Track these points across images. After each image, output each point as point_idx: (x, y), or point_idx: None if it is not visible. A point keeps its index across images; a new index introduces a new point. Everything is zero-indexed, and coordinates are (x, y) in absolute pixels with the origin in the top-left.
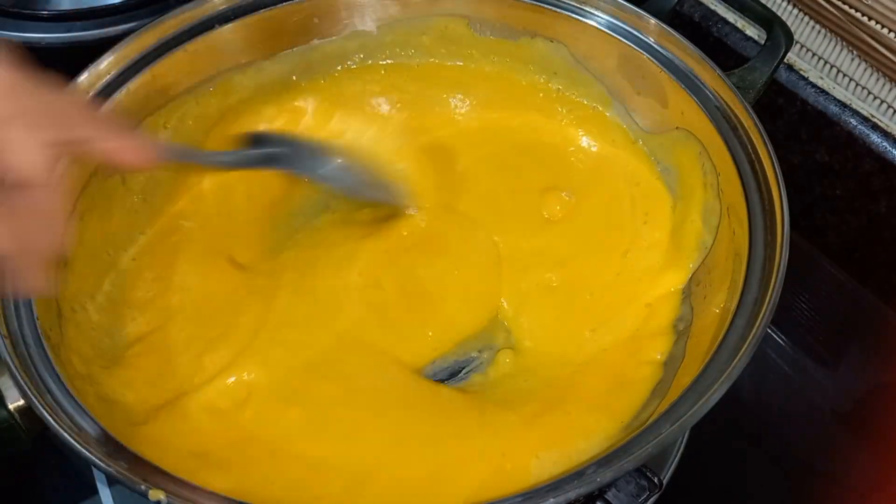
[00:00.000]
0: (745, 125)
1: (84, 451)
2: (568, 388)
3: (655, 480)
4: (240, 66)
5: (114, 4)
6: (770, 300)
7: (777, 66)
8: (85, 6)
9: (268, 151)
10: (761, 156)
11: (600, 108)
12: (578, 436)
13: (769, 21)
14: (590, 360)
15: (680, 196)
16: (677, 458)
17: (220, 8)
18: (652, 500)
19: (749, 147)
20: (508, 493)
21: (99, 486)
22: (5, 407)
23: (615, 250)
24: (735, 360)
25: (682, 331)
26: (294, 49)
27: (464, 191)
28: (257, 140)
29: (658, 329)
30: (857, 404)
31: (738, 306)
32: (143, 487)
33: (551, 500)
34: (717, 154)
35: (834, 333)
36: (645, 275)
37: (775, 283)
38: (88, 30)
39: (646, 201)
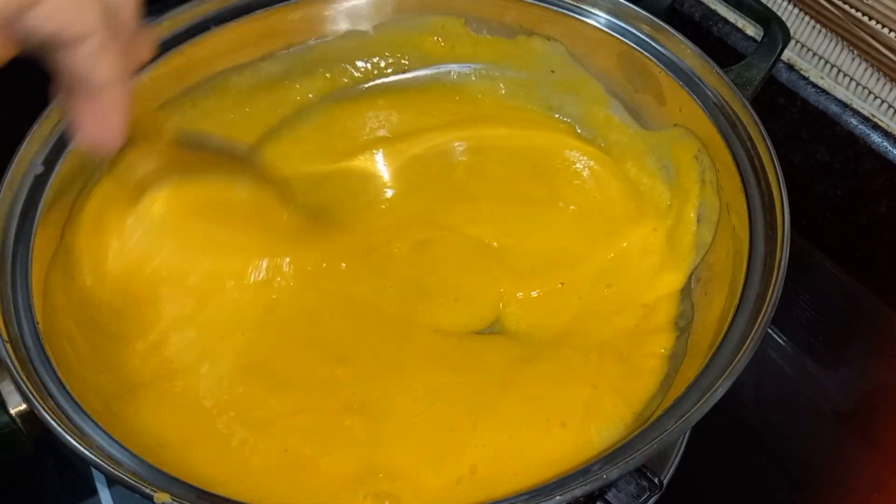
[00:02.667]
0: (744, 121)
1: (89, 455)
2: (584, 368)
3: (656, 481)
4: (236, 67)
5: None
6: (772, 296)
7: (774, 63)
8: None
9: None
10: (760, 152)
11: (598, 106)
12: (597, 417)
13: (766, 18)
14: (599, 345)
15: (677, 194)
16: (678, 459)
17: (216, 9)
18: (652, 500)
19: (748, 143)
20: (539, 482)
21: (98, 486)
22: (7, 412)
23: (610, 252)
24: (738, 357)
25: (683, 327)
26: (290, 49)
27: (460, 194)
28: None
29: (658, 326)
30: (857, 404)
31: (739, 303)
32: (148, 491)
33: (558, 497)
34: (716, 150)
35: (834, 333)
36: (641, 279)
37: (777, 278)
38: None
39: (643, 200)
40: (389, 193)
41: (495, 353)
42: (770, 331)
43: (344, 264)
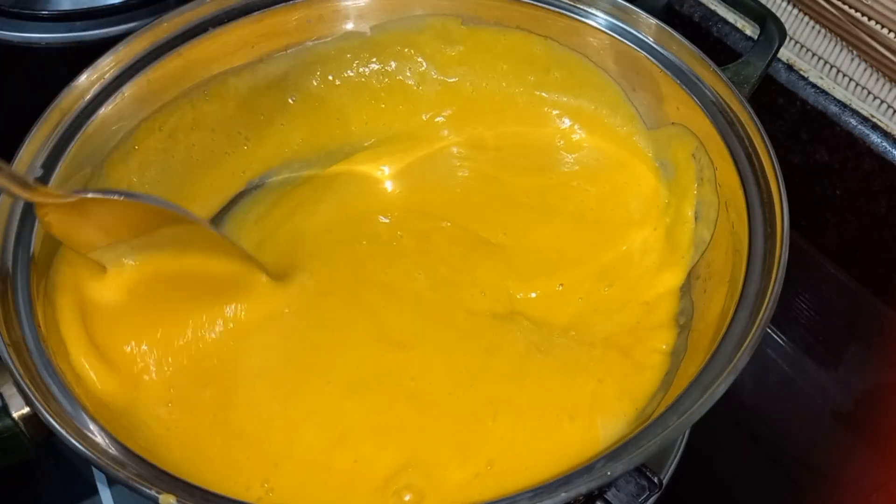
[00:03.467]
0: (742, 119)
1: (94, 457)
2: (590, 362)
3: (655, 480)
4: (234, 69)
5: (114, 4)
6: (772, 293)
7: (771, 61)
8: (85, 6)
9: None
10: (758, 149)
11: (595, 105)
12: (603, 411)
13: (762, 16)
14: (603, 340)
15: (675, 192)
16: (677, 458)
17: (214, 11)
18: (652, 499)
19: (746, 141)
20: (546, 478)
21: (99, 485)
22: (10, 416)
23: (610, 252)
24: (738, 354)
25: (683, 324)
26: (288, 51)
27: (458, 191)
28: None
29: (659, 322)
30: (857, 404)
31: (740, 299)
32: (153, 492)
33: (563, 494)
34: (714, 148)
35: (834, 333)
36: (641, 277)
37: (777, 275)
38: (88, 30)
39: (642, 199)
40: (388, 191)
41: (519, 334)
42: (770, 331)
43: (364, 242)
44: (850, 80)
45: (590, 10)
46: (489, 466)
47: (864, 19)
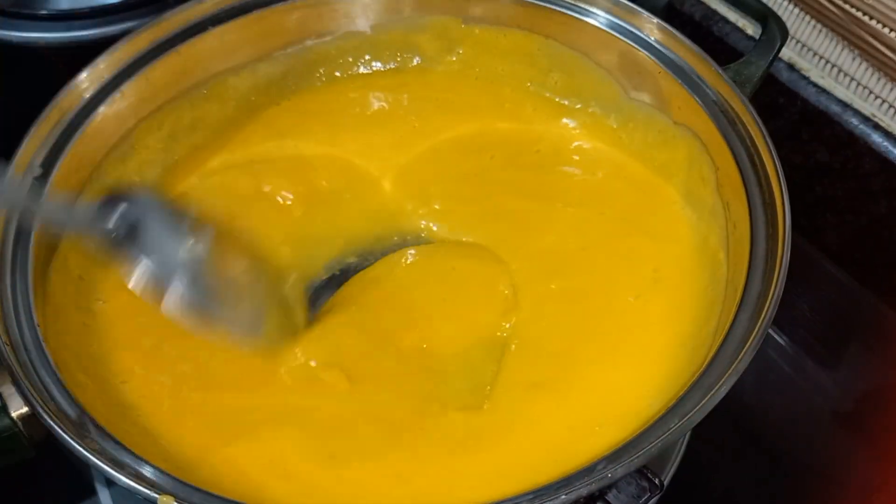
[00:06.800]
0: (744, 119)
1: (92, 458)
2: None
3: (656, 481)
4: (233, 68)
5: (113, 4)
6: (773, 295)
7: (773, 60)
8: (84, 6)
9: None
10: (760, 149)
11: (595, 105)
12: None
13: (764, 15)
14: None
15: (675, 194)
16: (678, 459)
17: (213, 10)
18: (653, 500)
19: (748, 141)
20: (518, 491)
21: (98, 486)
22: (8, 415)
23: (612, 254)
24: (739, 356)
25: None
26: (288, 50)
27: (463, 202)
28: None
29: None
30: (857, 404)
31: (741, 301)
32: (152, 493)
33: (563, 496)
34: (716, 149)
35: (834, 333)
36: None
37: (778, 277)
38: (88, 29)
39: (643, 199)
40: (388, 190)
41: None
42: (770, 331)
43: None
44: (852, 79)
45: (590, 8)
46: None
47: (866, 19)
